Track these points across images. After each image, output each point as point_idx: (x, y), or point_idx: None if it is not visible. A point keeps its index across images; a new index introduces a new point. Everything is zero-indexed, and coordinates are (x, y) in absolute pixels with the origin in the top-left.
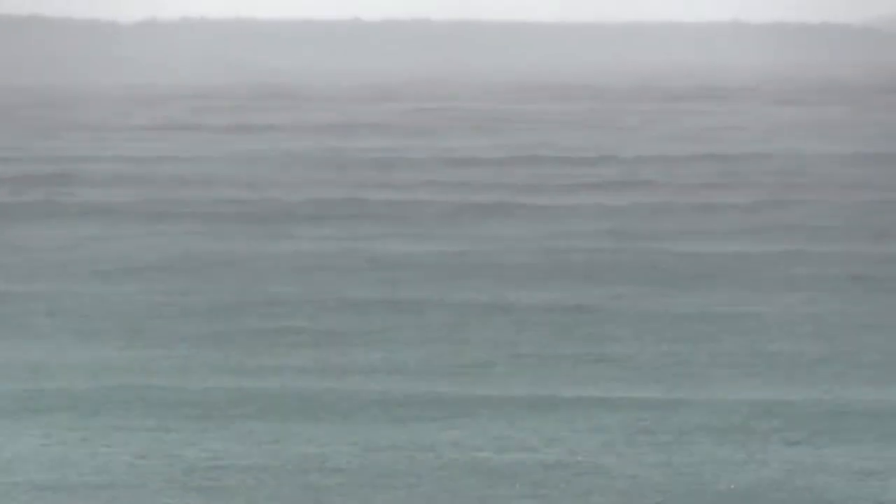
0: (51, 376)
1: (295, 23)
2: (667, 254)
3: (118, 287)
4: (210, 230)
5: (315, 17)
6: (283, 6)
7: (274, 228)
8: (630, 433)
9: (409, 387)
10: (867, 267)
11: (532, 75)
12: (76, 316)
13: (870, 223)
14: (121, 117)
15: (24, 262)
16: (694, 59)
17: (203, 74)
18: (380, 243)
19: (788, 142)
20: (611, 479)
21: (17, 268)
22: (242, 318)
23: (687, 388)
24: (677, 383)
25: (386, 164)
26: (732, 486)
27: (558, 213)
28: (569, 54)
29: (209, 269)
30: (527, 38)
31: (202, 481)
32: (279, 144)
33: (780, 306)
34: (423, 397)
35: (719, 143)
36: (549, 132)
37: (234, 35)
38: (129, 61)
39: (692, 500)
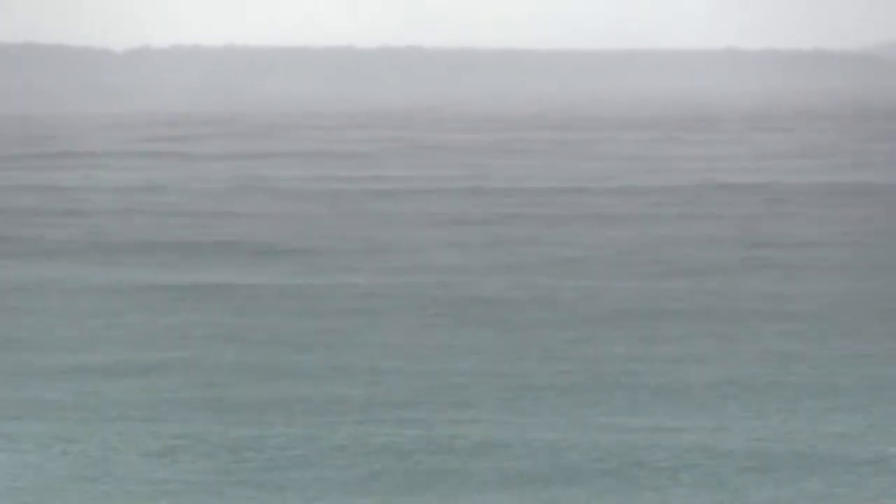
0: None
1: (289, 50)
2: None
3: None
4: (182, 262)
5: (309, 45)
6: (277, 34)
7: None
8: None
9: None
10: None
11: (525, 103)
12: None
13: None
14: (109, 144)
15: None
16: (688, 86)
17: (196, 102)
18: (335, 276)
19: (765, 173)
20: None
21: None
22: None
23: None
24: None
25: (364, 196)
26: None
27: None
28: (563, 82)
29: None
30: (521, 66)
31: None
32: (261, 172)
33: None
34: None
35: (698, 174)
36: (535, 162)
37: (227, 62)
38: (122, 89)
39: None
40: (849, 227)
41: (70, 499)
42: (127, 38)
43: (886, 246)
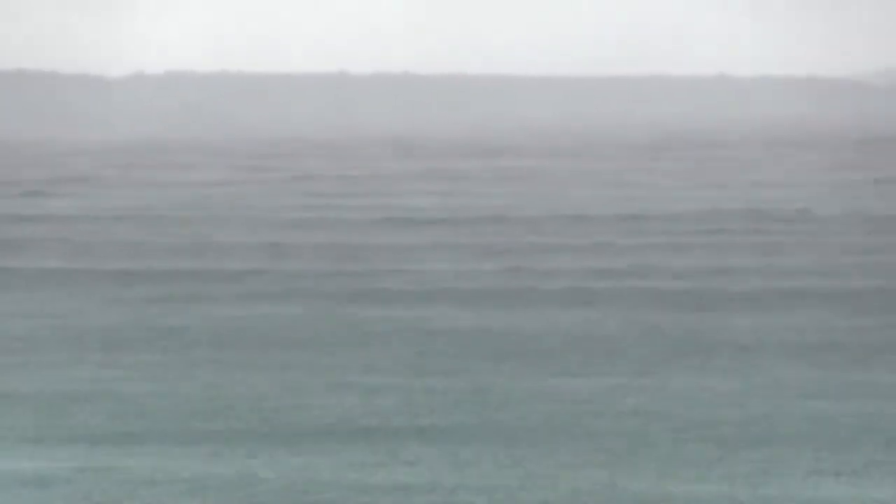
0: None
1: (282, 76)
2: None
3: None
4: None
5: (302, 71)
6: (270, 60)
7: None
8: None
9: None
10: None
11: (516, 129)
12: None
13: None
14: (97, 171)
15: None
16: (679, 112)
17: (188, 128)
18: (278, 307)
19: (730, 201)
20: None
21: None
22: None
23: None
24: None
25: (342, 224)
26: None
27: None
28: (555, 108)
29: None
30: (514, 92)
31: None
32: (241, 201)
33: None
34: None
35: (693, 202)
36: (527, 189)
37: (221, 89)
38: (114, 115)
39: None
40: (837, 257)
41: None
42: (121, 64)
43: (869, 275)
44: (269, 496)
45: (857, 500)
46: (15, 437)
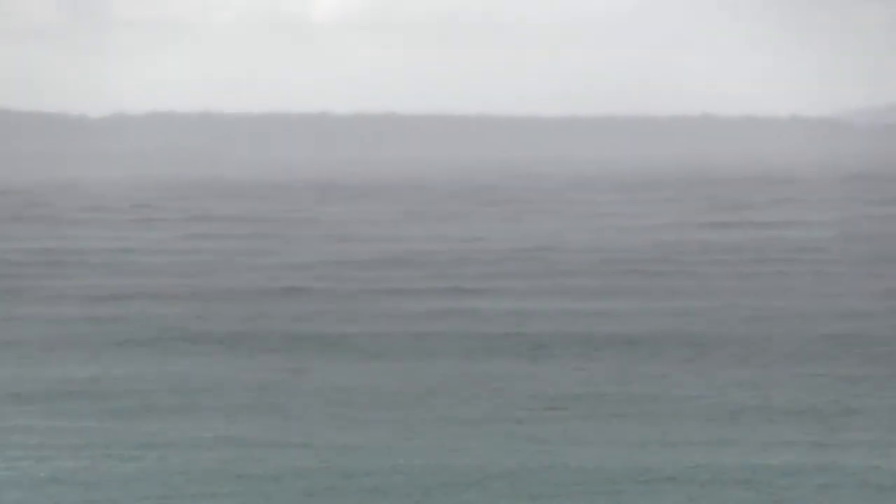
0: None
1: (263, 116)
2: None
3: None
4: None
5: (284, 111)
6: (251, 100)
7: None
8: None
9: None
10: None
11: (496, 170)
12: None
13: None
14: (59, 212)
15: None
16: (658, 151)
17: (162, 168)
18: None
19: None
20: None
21: None
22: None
23: None
24: None
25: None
26: None
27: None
28: (539, 148)
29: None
30: (498, 132)
31: None
32: (214, 244)
33: None
34: None
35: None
36: (487, 226)
37: (201, 129)
38: (96, 155)
39: None
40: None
41: None
42: (103, 104)
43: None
44: None
45: None
46: None
